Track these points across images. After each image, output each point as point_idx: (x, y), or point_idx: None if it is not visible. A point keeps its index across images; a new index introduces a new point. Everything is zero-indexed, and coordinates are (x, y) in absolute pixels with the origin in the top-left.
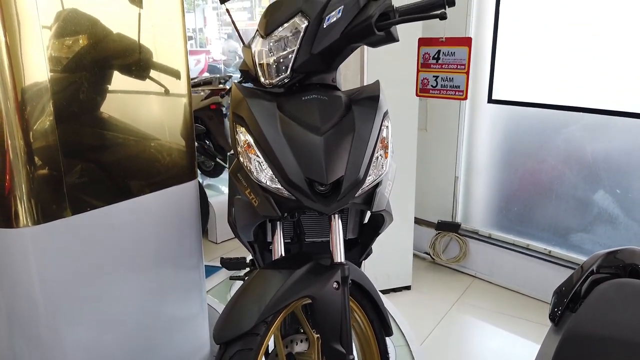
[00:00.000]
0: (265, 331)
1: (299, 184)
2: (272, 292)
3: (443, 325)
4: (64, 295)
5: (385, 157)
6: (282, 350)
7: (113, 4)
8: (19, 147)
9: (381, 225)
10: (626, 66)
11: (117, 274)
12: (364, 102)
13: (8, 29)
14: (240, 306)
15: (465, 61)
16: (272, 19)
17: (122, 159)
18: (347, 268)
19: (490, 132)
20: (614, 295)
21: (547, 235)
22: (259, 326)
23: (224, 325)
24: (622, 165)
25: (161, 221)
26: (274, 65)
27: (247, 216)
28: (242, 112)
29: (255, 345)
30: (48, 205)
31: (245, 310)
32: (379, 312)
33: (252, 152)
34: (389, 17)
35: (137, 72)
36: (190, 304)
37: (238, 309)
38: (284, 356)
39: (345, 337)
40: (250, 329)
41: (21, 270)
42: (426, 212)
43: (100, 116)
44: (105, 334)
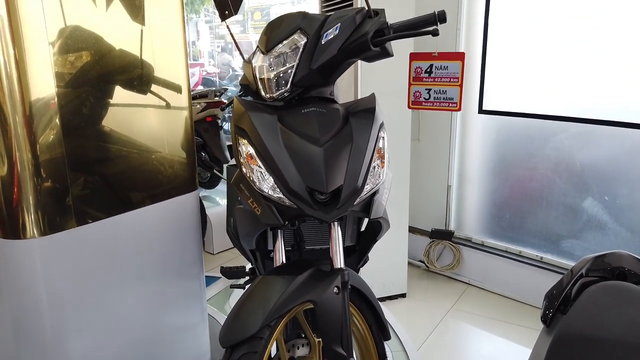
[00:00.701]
0: (269, 335)
1: (300, 192)
2: (276, 297)
3: (438, 331)
4: (68, 304)
5: (382, 166)
6: (285, 355)
7: (116, 21)
8: (27, 160)
9: (379, 232)
10: (610, 77)
11: (120, 284)
12: (361, 114)
13: (17, 45)
14: (245, 311)
15: (458, 74)
16: (272, 35)
17: (125, 171)
18: (346, 273)
19: (481, 142)
20: (602, 297)
21: (539, 242)
22: (263, 330)
23: (230, 330)
24: (610, 172)
25: (163, 232)
26: (274, 80)
27: (250, 225)
28: (244, 124)
29: (260, 349)
30: (54, 216)
31: (250, 315)
32: (377, 316)
33: (254, 163)
34: (383, 33)
35: (140, 86)
36: (191, 313)
37: (243, 313)
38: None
39: (346, 340)
40: (255, 333)
41: (28, 281)
42: (420, 220)
43: (104, 129)
44: (108, 343)
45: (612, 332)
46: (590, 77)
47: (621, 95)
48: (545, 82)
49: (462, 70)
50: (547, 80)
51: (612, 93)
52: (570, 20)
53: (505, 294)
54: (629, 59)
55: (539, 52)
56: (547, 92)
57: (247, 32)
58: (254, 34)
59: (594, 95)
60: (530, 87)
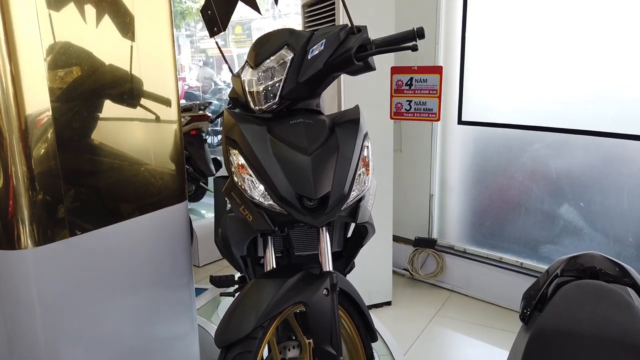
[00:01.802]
0: (262, 335)
1: (290, 199)
2: (268, 299)
3: (423, 338)
4: (62, 314)
5: (367, 174)
6: (277, 356)
7: (107, 38)
8: (22, 172)
9: (365, 236)
10: (583, 89)
11: (112, 294)
12: (346, 124)
13: (13, 61)
14: (239, 313)
15: (437, 87)
16: (260, 51)
17: (117, 183)
18: (335, 276)
19: (461, 152)
20: (576, 295)
21: (518, 248)
22: (257, 330)
23: (225, 331)
24: (584, 180)
25: (154, 242)
26: (263, 93)
27: (241, 232)
28: (234, 135)
29: (254, 349)
30: (48, 227)
31: (244, 317)
32: (365, 319)
33: (245, 172)
34: (366, 48)
35: (130, 100)
36: (181, 322)
37: (237, 315)
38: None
39: (336, 340)
40: (249, 334)
41: (22, 291)
42: (404, 229)
43: (95, 142)
44: (101, 353)
45: (585, 327)
46: (564, 89)
47: (594, 106)
48: (521, 93)
49: (440, 82)
50: (523, 92)
51: (585, 104)
52: (544, 35)
53: (488, 300)
54: (600, 72)
55: (514, 65)
56: (523, 103)
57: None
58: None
59: (568, 106)
60: (507, 98)
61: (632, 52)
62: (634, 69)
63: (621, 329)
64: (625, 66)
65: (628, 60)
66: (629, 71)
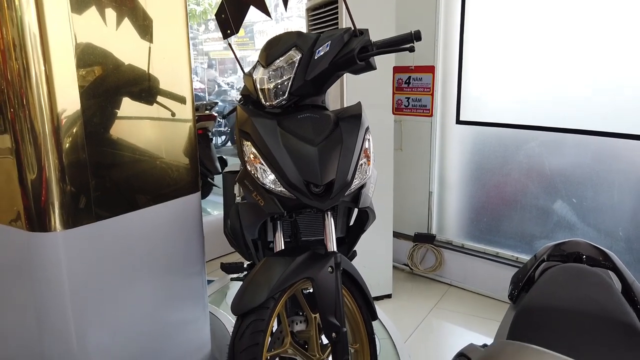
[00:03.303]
0: (273, 306)
1: (299, 185)
2: (279, 274)
3: (422, 328)
4: (88, 294)
5: (368, 164)
6: (287, 327)
7: (127, 39)
8: (54, 164)
9: (366, 221)
10: (576, 89)
11: (131, 278)
12: (349, 119)
13: (47, 63)
14: (252, 286)
15: (430, 85)
16: (271, 52)
17: (137, 174)
18: (339, 256)
19: (459, 150)
20: (560, 276)
21: (514, 243)
22: (269, 301)
23: (241, 301)
24: (576, 177)
25: (169, 230)
26: (273, 90)
27: (252, 216)
28: (247, 128)
29: (266, 317)
30: (75, 212)
31: (257, 289)
32: (366, 298)
33: (257, 161)
34: (368, 50)
35: (147, 97)
36: (193, 308)
37: (251, 288)
38: (289, 331)
39: (339, 313)
40: (262, 303)
41: (53, 269)
42: (403, 225)
43: (118, 137)
44: (121, 334)
45: (567, 304)
46: (557, 89)
47: (585, 106)
48: (517, 94)
49: (432, 81)
50: (519, 92)
51: (577, 104)
52: (539, 37)
53: (484, 293)
54: (592, 74)
55: (511, 67)
56: (519, 103)
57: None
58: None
59: (561, 106)
60: (504, 98)
61: (623, 53)
62: (623, 70)
63: (600, 306)
64: (615, 67)
65: (619, 61)
66: (620, 72)
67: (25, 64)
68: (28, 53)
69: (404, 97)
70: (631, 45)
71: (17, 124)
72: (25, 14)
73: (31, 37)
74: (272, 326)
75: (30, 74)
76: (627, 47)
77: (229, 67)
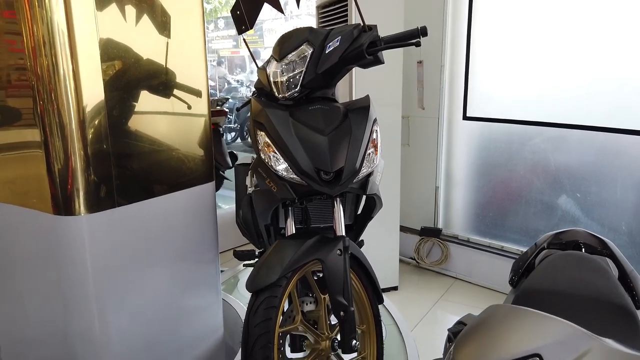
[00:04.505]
0: (285, 284)
1: (310, 172)
2: (291, 254)
3: (427, 319)
4: (109, 275)
5: (375, 153)
6: (298, 305)
7: (148, 35)
8: (79, 154)
9: (373, 209)
10: (581, 85)
11: (149, 263)
12: (358, 111)
13: (74, 59)
14: (266, 265)
15: None
16: (284, 46)
17: (155, 163)
18: (347, 240)
19: (466, 146)
20: (559, 263)
21: (519, 237)
22: (281, 280)
23: (255, 279)
24: (581, 172)
25: (185, 217)
26: (285, 83)
27: (265, 202)
28: (261, 119)
29: (279, 294)
30: (98, 198)
31: (271, 268)
32: (372, 281)
33: (270, 150)
34: (376, 44)
35: (164, 91)
36: (207, 293)
37: (265, 267)
38: (299, 310)
39: (347, 293)
40: (275, 282)
41: (77, 251)
42: (410, 220)
43: (138, 128)
44: (140, 317)
45: (565, 288)
46: (562, 86)
47: (591, 101)
48: (523, 90)
49: None
50: (525, 89)
51: (583, 100)
52: (544, 35)
53: (489, 286)
54: (597, 70)
55: (517, 63)
56: (525, 99)
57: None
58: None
59: (565, 102)
60: (510, 95)
61: (628, 50)
62: (628, 66)
63: (596, 289)
64: (620, 64)
65: (624, 58)
66: (624, 69)
67: (54, 61)
68: (57, 50)
69: None
70: (636, 42)
71: (46, 118)
72: (54, 13)
73: (60, 35)
74: (283, 305)
75: (58, 70)
76: (632, 43)
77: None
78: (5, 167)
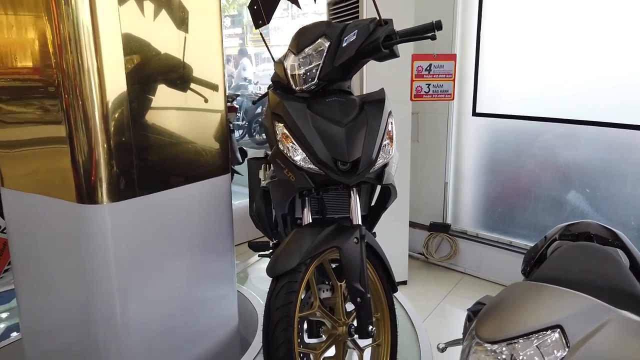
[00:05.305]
0: (304, 270)
1: (327, 162)
2: (309, 242)
3: (436, 314)
4: (129, 262)
5: (391, 145)
6: (316, 292)
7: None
8: (102, 147)
9: (388, 199)
10: (591, 81)
11: (168, 252)
12: (374, 103)
13: (98, 54)
14: (285, 252)
15: (452, 72)
16: (301, 40)
17: (173, 155)
18: (363, 228)
19: (475, 142)
20: (571, 253)
21: (528, 232)
22: (300, 266)
23: (275, 265)
24: (590, 168)
25: (201, 207)
26: (303, 76)
27: (283, 192)
28: (279, 111)
29: (298, 279)
30: (121, 188)
31: (290, 255)
32: (387, 271)
33: (288, 141)
34: (392, 38)
35: (181, 85)
36: (223, 284)
37: (284, 254)
38: (317, 296)
39: (363, 280)
40: (294, 267)
41: (100, 238)
42: (419, 215)
43: (157, 122)
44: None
45: (576, 277)
46: (572, 82)
47: (600, 98)
48: (533, 86)
49: (454, 68)
50: (534, 85)
51: (592, 96)
52: (554, 30)
53: (498, 281)
54: (609, 67)
55: (526, 60)
56: (535, 95)
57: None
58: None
59: (575, 98)
60: (520, 91)
61: (635, 47)
62: (636, 63)
63: (608, 278)
64: (630, 60)
65: (634, 54)
66: (634, 65)
67: (79, 57)
68: (82, 47)
69: (424, 83)
70: None
71: (71, 112)
72: (80, 10)
73: (84, 32)
74: (302, 291)
75: (83, 66)
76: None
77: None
78: (31, 161)
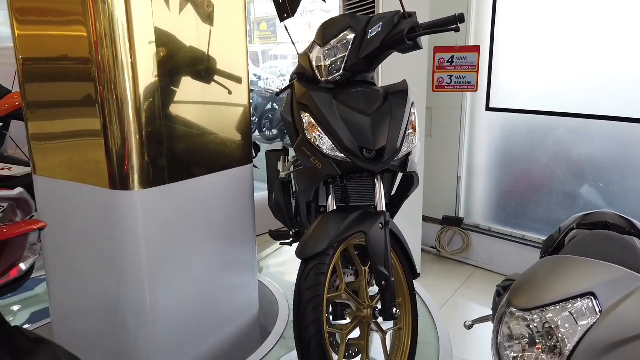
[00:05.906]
0: (333, 253)
1: (354, 150)
2: (336, 227)
3: (448, 306)
4: (158, 247)
5: (414, 134)
6: (342, 276)
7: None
8: (135, 137)
9: (410, 186)
10: (605, 76)
11: (194, 239)
12: (397, 94)
13: (132, 50)
14: (314, 236)
15: (475, 63)
16: (327, 32)
17: (200, 145)
18: (387, 215)
19: (488, 137)
20: (588, 240)
21: (540, 226)
22: (328, 249)
23: (304, 248)
24: (603, 162)
25: (225, 196)
26: (328, 67)
27: (309, 179)
28: (306, 101)
29: (327, 262)
30: (151, 176)
31: (318, 239)
32: (408, 257)
33: (315, 130)
34: (415, 30)
35: (206, 77)
36: (245, 271)
37: (313, 238)
38: (343, 279)
39: (388, 264)
40: (323, 250)
41: (131, 223)
42: (432, 209)
43: (184, 112)
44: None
45: None
46: (586, 76)
47: (614, 92)
48: (546, 81)
49: (478, 59)
50: (548, 80)
51: (605, 91)
52: (568, 26)
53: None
54: (622, 61)
55: (540, 55)
56: (548, 90)
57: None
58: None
59: (589, 92)
60: (533, 86)
61: None
62: None
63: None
64: None
65: None
66: None
67: (114, 52)
68: (117, 42)
69: (446, 75)
70: None
71: (106, 105)
72: (115, 7)
73: (120, 28)
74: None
75: (118, 61)
76: None
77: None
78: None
